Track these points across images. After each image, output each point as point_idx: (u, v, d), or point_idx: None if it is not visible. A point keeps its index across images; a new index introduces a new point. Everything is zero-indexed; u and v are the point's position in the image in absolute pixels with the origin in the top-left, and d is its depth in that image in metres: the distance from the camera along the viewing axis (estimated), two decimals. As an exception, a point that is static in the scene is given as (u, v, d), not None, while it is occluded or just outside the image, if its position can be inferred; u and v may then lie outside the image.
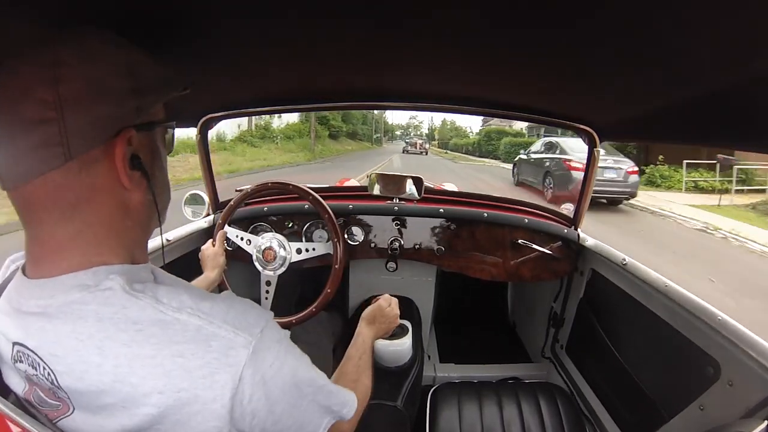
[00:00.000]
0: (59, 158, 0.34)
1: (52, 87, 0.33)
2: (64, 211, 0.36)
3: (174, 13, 0.46)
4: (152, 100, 0.40)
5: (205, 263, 1.06)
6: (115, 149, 0.37)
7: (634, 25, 0.44)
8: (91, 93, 0.35)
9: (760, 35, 0.39)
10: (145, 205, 0.41)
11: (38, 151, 0.34)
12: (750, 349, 0.67)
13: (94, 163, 0.36)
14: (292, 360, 0.41)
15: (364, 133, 37.63)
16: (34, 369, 0.36)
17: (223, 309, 0.38)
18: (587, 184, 1.24)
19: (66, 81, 0.33)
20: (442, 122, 56.08)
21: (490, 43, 0.57)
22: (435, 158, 25.02)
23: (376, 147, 37.06)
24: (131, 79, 0.37)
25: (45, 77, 0.33)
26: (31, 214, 0.36)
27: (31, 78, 0.33)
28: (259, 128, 17.41)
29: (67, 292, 0.36)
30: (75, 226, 0.37)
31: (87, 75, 0.35)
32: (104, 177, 0.37)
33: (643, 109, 0.78)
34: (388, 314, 0.88)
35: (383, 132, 52.97)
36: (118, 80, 0.36)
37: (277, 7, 0.46)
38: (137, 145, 0.39)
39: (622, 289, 1.07)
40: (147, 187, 0.41)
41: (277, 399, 0.39)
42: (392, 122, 69.05)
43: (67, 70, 0.34)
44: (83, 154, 0.35)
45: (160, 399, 0.34)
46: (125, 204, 0.39)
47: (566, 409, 1.03)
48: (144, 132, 0.40)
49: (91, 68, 0.35)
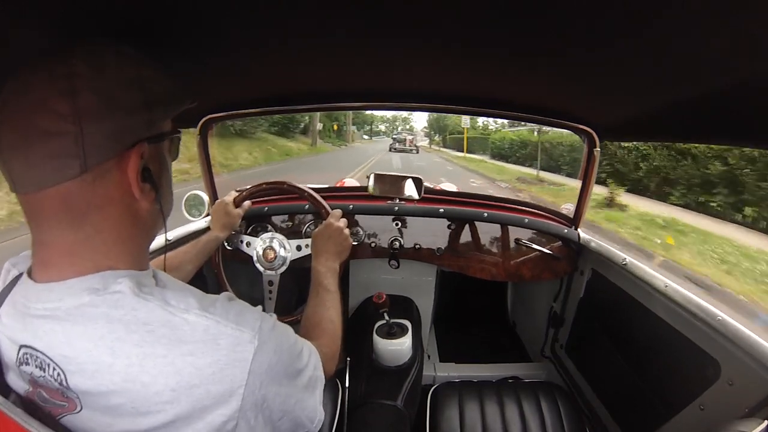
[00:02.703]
0: (75, 169, 0.35)
1: (68, 99, 0.34)
2: (75, 218, 0.37)
3: (174, 14, 0.46)
4: (162, 113, 0.42)
5: (218, 219, 1.04)
6: (129, 162, 0.38)
7: (634, 25, 0.44)
8: (107, 105, 0.36)
9: (759, 35, 0.39)
10: (152, 214, 0.43)
11: (54, 161, 0.35)
12: (750, 349, 0.67)
13: (107, 173, 0.37)
14: (285, 341, 0.44)
15: (327, 128, 27.39)
16: (42, 370, 0.37)
17: (225, 309, 0.40)
18: (587, 184, 1.23)
19: (82, 93, 0.34)
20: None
21: (489, 42, 0.57)
22: (439, 162, 18.22)
23: (327, 149, 22.34)
24: (142, 92, 0.38)
25: (61, 89, 0.34)
26: (40, 219, 0.37)
27: (47, 89, 0.34)
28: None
29: (76, 296, 0.36)
30: (85, 232, 0.38)
31: (102, 87, 0.36)
32: (116, 187, 0.38)
33: (643, 109, 0.78)
34: (338, 230, 0.90)
35: (359, 125, 44.64)
36: (130, 93, 0.38)
37: (276, 8, 0.46)
38: (148, 157, 0.40)
39: (622, 289, 1.07)
40: (155, 198, 0.42)
41: (281, 380, 0.42)
42: (370, 113, 51.17)
43: (82, 82, 0.35)
44: (96, 166, 0.36)
45: (172, 396, 0.35)
46: (134, 213, 0.41)
47: (567, 409, 1.03)
48: (154, 144, 0.41)
49: (105, 81, 0.36)
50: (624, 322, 1.07)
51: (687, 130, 0.79)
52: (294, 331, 0.48)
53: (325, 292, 0.75)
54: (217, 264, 1.14)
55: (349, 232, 0.93)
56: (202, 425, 0.36)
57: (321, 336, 0.64)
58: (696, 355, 0.79)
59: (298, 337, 0.48)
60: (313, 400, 0.47)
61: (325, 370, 0.52)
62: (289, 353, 0.44)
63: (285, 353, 0.43)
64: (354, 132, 39.64)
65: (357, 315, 1.41)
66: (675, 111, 0.69)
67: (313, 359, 0.49)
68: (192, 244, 0.96)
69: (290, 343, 0.45)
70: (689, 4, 0.37)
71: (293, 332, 0.47)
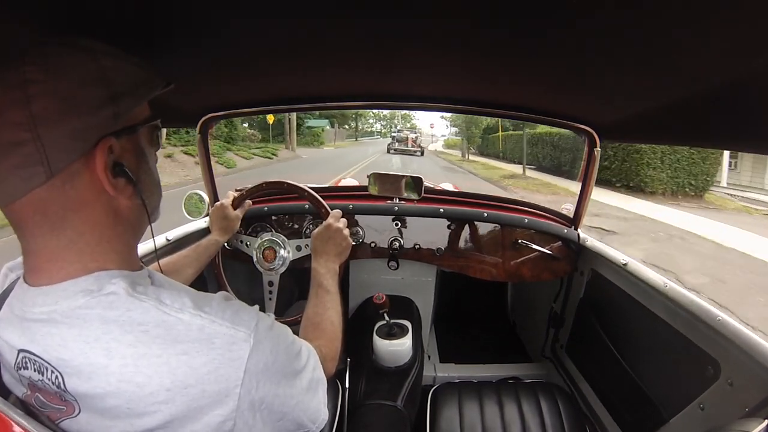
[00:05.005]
0: (41, 176, 0.34)
1: (23, 108, 0.33)
2: (54, 223, 0.36)
3: (173, 14, 0.46)
4: (130, 104, 0.39)
5: (217, 223, 1.04)
6: (95, 160, 0.37)
7: (633, 26, 0.44)
8: (64, 107, 0.34)
9: (760, 35, 0.39)
10: (134, 210, 0.42)
11: (20, 171, 0.34)
12: (750, 349, 0.67)
13: (76, 175, 0.36)
14: (283, 341, 0.44)
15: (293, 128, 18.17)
16: (41, 374, 0.37)
17: (221, 308, 0.39)
18: (587, 183, 1.24)
19: (37, 99, 0.33)
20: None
21: (490, 43, 0.57)
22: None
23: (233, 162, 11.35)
24: (105, 86, 0.37)
25: (15, 99, 0.33)
26: (23, 228, 0.37)
27: (2, 101, 0.33)
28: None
29: (70, 298, 0.36)
30: (66, 236, 0.37)
31: (57, 90, 0.34)
32: (88, 188, 0.37)
33: (643, 109, 0.78)
34: (338, 230, 0.89)
35: (336, 119, 31.85)
36: (90, 90, 0.36)
37: (276, 7, 0.46)
38: (119, 151, 0.39)
39: (622, 289, 1.07)
40: (134, 192, 0.41)
41: (279, 381, 0.41)
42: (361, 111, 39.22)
43: (36, 88, 0.33)
44: (64, 169, 0.35)
45: (167, 396, 0.34)
46: (114, 210, 0.40)
47: (567, 409, 1.03)
48: (126, 137, 0.40)
49: (61, 82, 0.34)
50: (624, 322, 1.07)
51: (687, 131, 0.79)
52: (293, 332, 0.48)
53: (325, 293, 0.75)
54: (217, 265, 1.14)
55: (349, 233, 0.93)
56: (200, 426, 0.36)
57: (321, 337, 0.63)
58: (696, 355, 0.79)
59: (297, 338, 0.48)
60: (315, 401, 0.47)
61: (325, 370, 0.51)
62: (286, 353, 0.43)
63: (282, 353, 0.42)
64: (322, 131, 27.46)
65: (357, 315, 1.41)
66: (675, 112, 0.69)
67: (312, 360, 0.48)
68: (192, 248, 0.96)
69: (288, 343, 0.45)
70: (690, 4, 0.37)
71: (291, 332, 0.47)
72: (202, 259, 0.97)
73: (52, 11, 0.41)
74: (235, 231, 1.10)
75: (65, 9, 0.41)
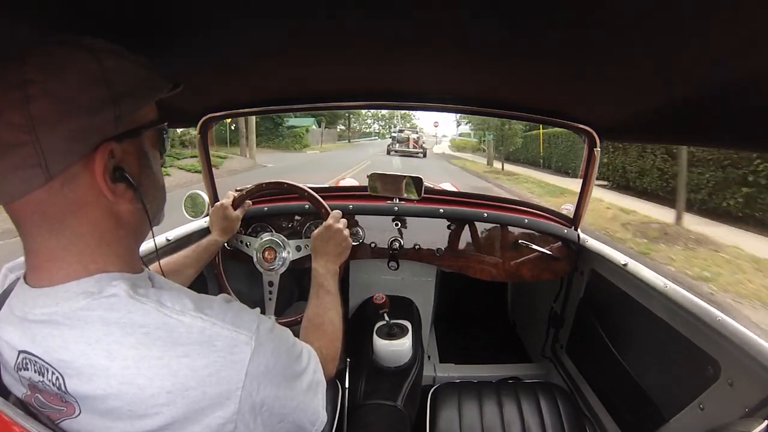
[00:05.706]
0: (39, 178, 0.34)
1: (22, 109, 0.32)
2: (53, 224, 0.36)
3: (173, 14, 0.46)
4: (133, 106, 0.38)
5: (216, 223, 1.04)
6: (95, 164, 0.36)
7: (634, 25, 0.44)
8: (63, 108, 0.33)
9: (759, 35, 0.39)
10: (135, 214, 0.41)
11: (19, 173, 0.34)
12: (750, 349, 0.67)
13: (75, 178, 0.36)
14: (284, 343, 0.44)
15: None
16: (41, 375, 0.37)
17: (222, 311, 0.39)
18: (587, 184, 1.23)
19: (35, 100, 0.33)
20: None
21: (490, 42, 0.57)
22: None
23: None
24: (106, 87, 0.36)
25: (14, 99, 0.32)
26: (23, 228, 0.37)
27: (1, 101, 0.33)
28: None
29: (71, 300, 0.36)
30: (66, 238, 0.37)
31: (56, 91, 0.33)
32: (87, 191, 0.37)
33: (643, 109, 0.78)
34: (338, 231, 0.89)
35: (325, 118, 26.52)
36: (91, 91, 0.35)
37: (276, 7, 0.46)
38: (121, 155, 0.38)
39: (622, 290, 1.07)
40: (135, 197, 0.40)
41: (280, 383, 0.41)
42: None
43: (35, 89, 0.33)
44: (63, 171, 0.35)
45: (168, 399, 0.34)
46: (114, 214, 0.39)
47: (567, 409, 1.03)
48: (129, 140, 0.39)
49: (61, 83, 0.34)
50: (624, 322, 1.07)
51: (688, 131, 0.79)
52: (294, 333, 0.48)
53: (325, 294, 0.75)
54: (217, 265, 1.14)
55: (349, 233, 0.93)
56: (200, 428, 0.36)
57: (321, 338, 0.63)
58: (696, 355, 0.79)
59: (297, 340, 0.48)
60: (315, 403, 0.47)
61: (325, 371, 0.51)
62: (287, 355, 0.43)
63: (283, 355, 0.42)
64: (306, 132, 22.60)
65: (357, 316, 1.41)
66: (676, 112, 0.69)
67: (312, 362, 0.48)
68: (192, 248, 0.96)
69: (289, 345, 0.45)
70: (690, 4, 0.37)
71: (292, 335, 0.47)
72: (202, 260, 0.97)
73: (52, 11, 0.41)
74: (235, 231, 1.10)
75: (65, 8, 0.41)
